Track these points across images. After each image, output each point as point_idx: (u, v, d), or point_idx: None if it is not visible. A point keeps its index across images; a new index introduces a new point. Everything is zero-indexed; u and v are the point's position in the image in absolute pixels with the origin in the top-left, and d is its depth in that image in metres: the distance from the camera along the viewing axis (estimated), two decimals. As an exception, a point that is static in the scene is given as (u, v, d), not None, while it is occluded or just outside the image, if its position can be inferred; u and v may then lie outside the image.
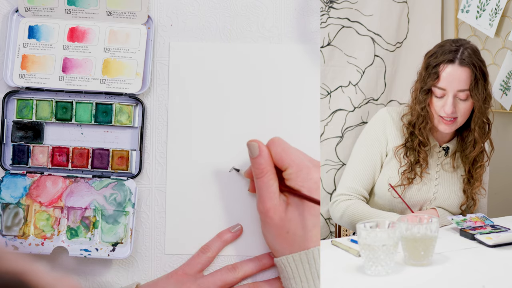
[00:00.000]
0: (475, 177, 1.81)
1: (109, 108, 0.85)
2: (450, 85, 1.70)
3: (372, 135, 1.86)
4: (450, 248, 1.45)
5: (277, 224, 0.78)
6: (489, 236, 1.50)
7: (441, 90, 1.71)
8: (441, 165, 1.83)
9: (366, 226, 1.30)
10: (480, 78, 1.71)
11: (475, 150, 1.78)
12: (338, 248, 1.49)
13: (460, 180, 1.84)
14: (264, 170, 0.77)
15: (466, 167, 1.82)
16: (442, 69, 1.71)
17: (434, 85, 1.72)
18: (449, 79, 1.71)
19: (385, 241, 1.25)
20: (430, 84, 1.73)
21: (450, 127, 1.75)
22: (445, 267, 1.33)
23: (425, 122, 1.76)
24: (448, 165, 1.83)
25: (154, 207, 0.85)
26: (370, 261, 1.26)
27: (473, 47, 1.76)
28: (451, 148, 1.82)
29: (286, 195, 0.79)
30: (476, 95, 1.70)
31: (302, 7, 0.86)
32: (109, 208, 0.84)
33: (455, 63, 1.70)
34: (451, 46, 1.74)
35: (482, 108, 1.73)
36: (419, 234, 1.32)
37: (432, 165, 1.82)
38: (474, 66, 1.70)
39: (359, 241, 1.29)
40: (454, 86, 1.70)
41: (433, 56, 1.76)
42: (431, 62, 1.75)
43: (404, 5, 2.41)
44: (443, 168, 1.83)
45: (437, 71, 1.71)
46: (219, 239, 0.84)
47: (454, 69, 1.70)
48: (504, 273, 1.31)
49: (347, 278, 1.29)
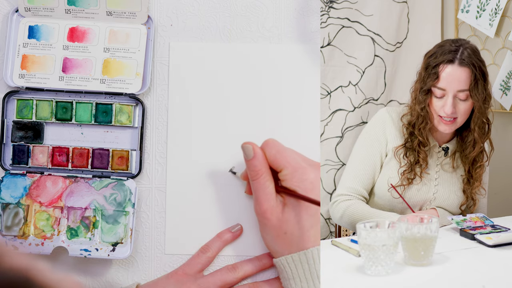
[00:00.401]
0: (474, 177, 1.81)
1: (109, 108, 0.85)
2: (449, 85, 1.70)
3: (372, 135, 1.86)
4: (450, 248, 1.45)
5: (275, 225, 0.78)
6: (489, 236, 1.50)
7: (441, 91, 1.71)
8: (440, 165, 1.83)
9: (366, 226, 1.30)
10: (480, 78, 1.71)
11: (475, 150, 1.78)
12: (338, 248, 1.49)
13: (460, 180, 1.84)
14: (259, 172, 0.77)
15: (466, 167, 1.82)
16: (442, 70, 1.71)
17: (434, 85, 1.72)
18: (448, 79, 1.70)
19: (385, 241, 1.25)
20: (430, 85, 1.73)
21: (450, 127, 1.75)
22: (445, 267, 1.33)
23: (424, 122, 1.76)
24: (448, 165, 1.83)
25: (154, 207, 0.85)
26: (370, 261, 1.26)
27: (472, 47, 1.75)
28: (450, 148, 1.82)
29: (282, 196, 0.79)
30: (476, 95, 1.70)
31: (302, 7, 0.86)
32: (109, 208, 0.84)
33: (454, 63, 1.71)
34: (450, 46, 1.74)
35: (482, 108, 1.73)
36: (419, 234, 1.32)
37: (431, 165, 1.82)
38: (473, 66, 1.70)
39: (359, 241, 1.29)
40: (454, 86, 1.70)
41: (433, 56, 1.76)
42: (431, 62, 1.75)
43: (404, 5, 2.41)
44: (443, 168, 1.83)
45: (437, 72, 1.71)
46: (219, 239, 0.84)
47: (453, 70, 1.70)
48: (504, 273, 1.31)
49: (347, 278, 1.29)
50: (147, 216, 0.85)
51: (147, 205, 0.85)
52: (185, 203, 0.85)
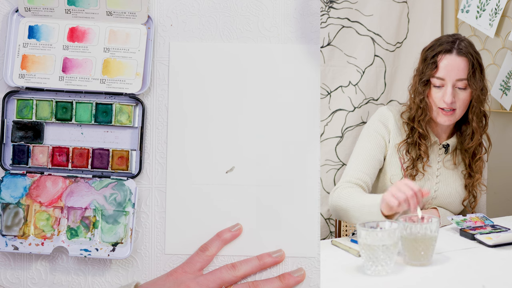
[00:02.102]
0: (475, 170, 1.84)
1: (109, 108, 0.85)
2: (448, 75, 1.74)
3: (375, 128, 1.87)
4: (450, 248, 1.45)
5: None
6: (489, 236, 1.50)
7: (440, 80, 1.75)
8: (442, 162, 1.84)
9: (366, 226, 1.30)
10: (477, 68, 1.76)
11: (473, 141, 1.81)
12: (338, 248, 1.49)
13: (461, 177, 1.85)
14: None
15: (466, 160, 1.84)
16: (440, 59, 1.75)
17: (433, 75, 1.76)
18: (447, 69, 1.74)
19: (385, 241, 1.25)
20: (428, 75, 1.76)
21: (449, 118, 1.77)
22: (445, 267, 1.33)
23: (424, 114, 1.78)
24: (449, 162, 1.85)
25: (154, 207, 0.85)
26: (370, 261, 1.26)
27: (468, 40, 1.81)
28: (451, 145, 1.84)
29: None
30: (473, 84, 1.74)
31: (302, 7, 0.86)
32: (109, 208, 0.84)
33: (452, 53, 1.75)
34: (447, 38, 1.79)
35: (479, 98, 1.77)
36: (419, 234, 1.32)
37: (433, 162, 1.83)
38: (471, 55, 1.75)
39: (359, 241, 1.29)
40: (453, 75, 1.74)
41: (431, 49, 1.80)
42: (428, 54, 1.79)
43: (404, 5, 2.41)
44: (444, 166, 1.84)
45: (436, 61, 1.75)
46: (219, 238, 0.84)
47: (452, 59, 1.75)
48: (504, 273, 1.31)
49: (347, 278, 1.29)
50: (147, 216, 0.85)
51: (147, 205, 0.85)
52: (185, 203, 0.85)
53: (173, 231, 0.85)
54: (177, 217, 0.85)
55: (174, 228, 0.85)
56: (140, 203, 0.85)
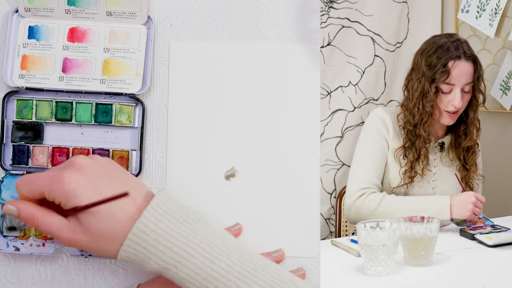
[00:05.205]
0: (469, 163, 1.86)
1: (109, 108, 0.85)
2: (459, 80, 1.78)
3: (378, 130, 1.88)
4: (450, 248, 1.45)
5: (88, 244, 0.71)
6: (489, 236, 1.50)
7: (449, 86, 1.78)
8: (439, 159, 1.87)
9: (366, 226, 1.30)
10: (479, 69, 1.81)
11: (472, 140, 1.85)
12: (338, 248, 1.49)
13: (457, 172, 1.88)
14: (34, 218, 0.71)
15: (461, 156, 1.87)
16: (453, 67, 1.77)
17: (443, 81, 1.78)
18: (459, 75, 1.78)
19: (385, 241, 1.25)
20: (440, 82, 1.78)
21: (454, 119, 1.82)
22: (445, 267, 1.33)
23: (428, 118, 1.80)
24: (445, 158, 1.88)
25: (154, 207, 0.85)
26: (370, 261, 1.26)
27: (464, 39, 1.86)
28: (446, 142, 1.88)
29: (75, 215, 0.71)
30: (478, 86, 1.80)
31: (302, 7, 0.86)
32: (109, 208, 0.84)
33: (462, 59, 1.78)
34: (448, 42, 1.81)
35: (479, 98, 1.83)
36: (419, 234, 1.32)
37: (430, 160, 1.86)
38: (473, 58, 1.80)
39: (359, 241, 1.29)
40: (463, 80, 1.78)
41: (435, 55, 1.79)
42: (434, 61, 1.79)
43: (404, 5, 2.41)
44: (441, 162, 1.87)
45: (447, 70, 1.77)
46: (219, 238, 0.84)
47: (462, 64, 1.79)
48: (504, 273, 1.31)
49: (347, 278, 1.29)
50: (147, 216, 0.85)
51: (147, 205, 0.85)
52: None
53: (173, 231, 0.85)
54: (177, 217, 0.85)
55: (174, 228, 0.85)
56: (140, 203, 0.85)
